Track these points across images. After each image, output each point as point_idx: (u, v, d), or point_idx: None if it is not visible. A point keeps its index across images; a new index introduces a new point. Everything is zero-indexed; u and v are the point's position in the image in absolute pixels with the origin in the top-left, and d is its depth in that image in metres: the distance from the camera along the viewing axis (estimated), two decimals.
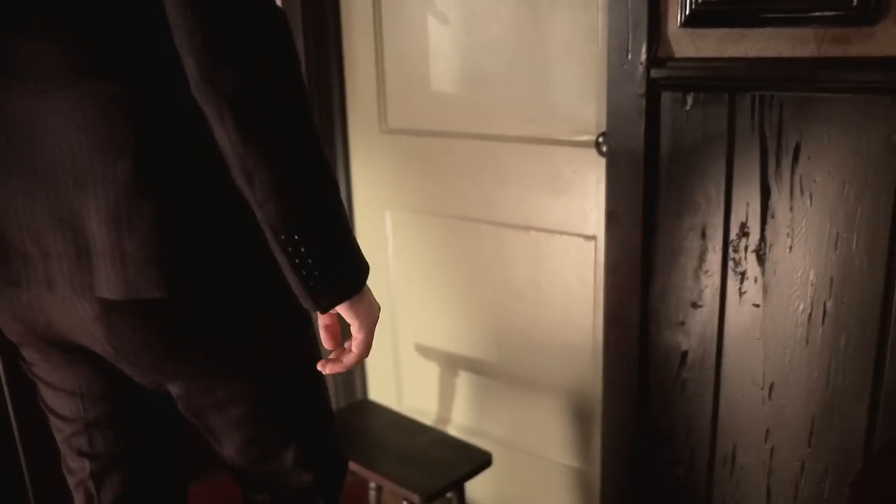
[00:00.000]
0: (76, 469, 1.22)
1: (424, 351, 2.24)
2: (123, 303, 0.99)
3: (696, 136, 1.44)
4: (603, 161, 1.59)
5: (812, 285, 1.39)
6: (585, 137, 1.67)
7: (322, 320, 1.12)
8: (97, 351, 1.08)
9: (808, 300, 1.40)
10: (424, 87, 1.95)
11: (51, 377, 1.18)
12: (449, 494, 1.77)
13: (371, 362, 2.37)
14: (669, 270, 1.54)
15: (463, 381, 2.18)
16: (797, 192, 1.37)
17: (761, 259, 1.43)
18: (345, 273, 1.03)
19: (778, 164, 1.37)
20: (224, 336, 1.08)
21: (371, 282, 1.09)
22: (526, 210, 1.85)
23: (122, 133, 0.95)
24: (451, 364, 2.18)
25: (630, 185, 1.52)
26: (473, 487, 2.15)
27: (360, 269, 1.05)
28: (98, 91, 0.95)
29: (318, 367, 1.13)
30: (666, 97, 1.45)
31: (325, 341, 1.14)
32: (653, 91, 1.46)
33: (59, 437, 1.23)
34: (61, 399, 1.19)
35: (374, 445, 1.88)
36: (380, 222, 2.16)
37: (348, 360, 1.11)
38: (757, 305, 1.45)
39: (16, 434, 1.80)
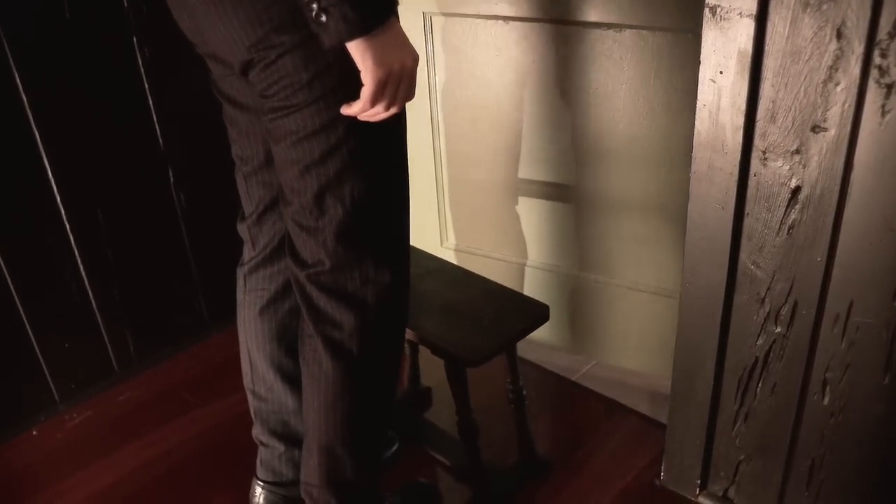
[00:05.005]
0: (239, 167, 1.40)
1: (475, 177, 1.96)
2: None
3: None
4: None
5: None
6: None
7: None
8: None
9: None
10: None
11: (221, 88, 1.32)
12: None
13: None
14: (785, 82, 1.18)
15: (524, 208, 1.92)
16: None
17: None
18: (345, 6, 0.94)
19: None
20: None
21: None
22: (599, 3, 1.50)
23: None
24: (510, 190, 1.90)
25: None
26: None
27: (364, 4, 0.96)
28: None
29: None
30: None
31: None
32: None
33: (231, 142, 1.41)
34: (227, 109, 1.34)
35: (411, 296, 1.59)
36: (416, 29, 1.83)
37: (354, 106, 1.07)
38: None
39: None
